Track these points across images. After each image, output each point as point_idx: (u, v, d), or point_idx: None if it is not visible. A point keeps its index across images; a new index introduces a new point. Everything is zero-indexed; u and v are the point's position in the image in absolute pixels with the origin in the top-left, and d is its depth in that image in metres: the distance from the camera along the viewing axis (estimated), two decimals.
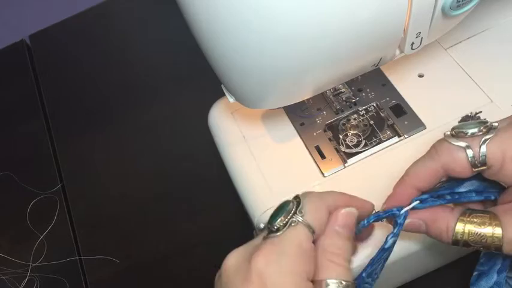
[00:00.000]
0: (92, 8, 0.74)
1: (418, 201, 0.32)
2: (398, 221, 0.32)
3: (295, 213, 0.30)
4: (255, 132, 0.47)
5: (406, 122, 0.44)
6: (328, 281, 0.29)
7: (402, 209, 0.32)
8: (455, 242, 0.31)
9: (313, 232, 0.30)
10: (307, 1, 0.30)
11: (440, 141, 0.32)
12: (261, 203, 0.42)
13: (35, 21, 0.73)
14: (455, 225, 0.30)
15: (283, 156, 0.45)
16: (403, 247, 0.37)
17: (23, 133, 0.64)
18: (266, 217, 0.41)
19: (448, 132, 0.31)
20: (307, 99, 0.47)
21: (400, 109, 0.45)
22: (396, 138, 0.43)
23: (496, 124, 0.31)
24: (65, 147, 0.61)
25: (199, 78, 0.59)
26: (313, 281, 0.29)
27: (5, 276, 0.52)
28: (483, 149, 0.29)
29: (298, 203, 0.30)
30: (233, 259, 0.30)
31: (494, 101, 0.43)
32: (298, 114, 0.47)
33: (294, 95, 0.39)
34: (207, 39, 0.35)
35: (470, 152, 0.30)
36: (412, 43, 0.36)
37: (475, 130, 0.30)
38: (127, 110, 0.63)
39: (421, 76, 0.47)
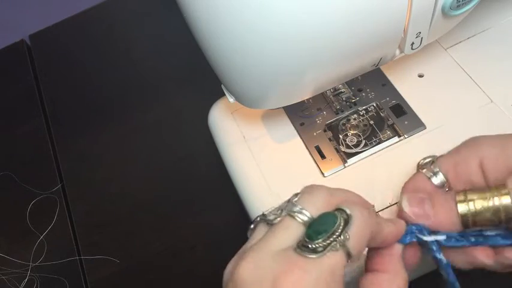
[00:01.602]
0: (92, 8, 0.74)
1: (444, 236, 0.31)
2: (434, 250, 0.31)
3: (339, 235, 0.26)
4: (255, 132, 0.47)
5: (406, 122, 0.44)
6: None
7: (423, 230, 0.31)
8: (465, 223, 0.29)
9: (349, 258, 0.26)
10: (307, 1, 0.30)
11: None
12: (261, 203, 0.43)
13: (35, 21, 0.73)
14: (457, 205, 0.30)
15: (283, 156, 0.45)
16: None
17: (23, 133, 0.64)
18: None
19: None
20: (307, 99, 0.47)
21: (400, 109, 0.45)
22: (396, 138, 0.43)
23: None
24: (65, 147, 0.61)
25: (199, 78, 0.59)
26: None
27: (5, 276, 0.52)
28: (435, 165, 0.33)
29: (346, 222, 0.26)
30: (249, 273, 0.26)
31: (494, 101, 0.43)
32: (298, 114, 0.47)
33: (294, 95, 0.39)
34: (207, 39, 0.35)
35: (427, 172, 0.33)
36: (412, 43, 0.36)
37: (430, 159, 0.34)
38: (127, 110, 0.62)
39: (421, 76, 0.47)
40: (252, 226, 0.30)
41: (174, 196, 0.54)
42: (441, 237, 0.30)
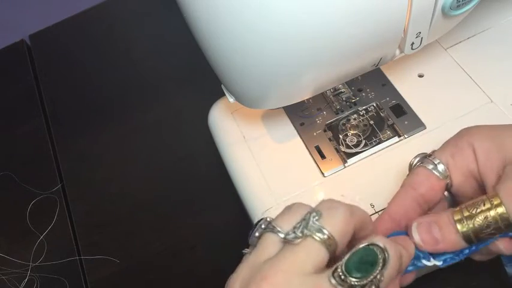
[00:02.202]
0: (92, 8, 0.74)
1: (441, 262, 0.31)
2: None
3: (376, 276, 0.26)
4: (255, 132, 0.47)
5: (406, 122, 0.44)
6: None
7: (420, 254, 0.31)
8: (466, 237, 0.29)
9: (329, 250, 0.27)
10: (307, 1, 0.30)
11: None
12: (261, 203, 0.43)
13: (35, 21, 0.73)
14: (456, 225, 0.29)
15: (283, 156, 0.45)
16: None
17: (23, 133, 0.64)
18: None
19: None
20: (307, 99, 0.47)
21: (400, 109, 0.45)
22: (396, 138, 0.43)
23: None
24: (65, 147, 0.61)
25: (199, 78, 0.59)
26: None
27: (5, 276, 0.52)
28: (434, 157, 0.33)
29: (384, 262, 0.27)
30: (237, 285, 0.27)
31: (494, 101, 0.43)
32: (298, 114, 0.47)
33: (294, 95, 0.39)
34: (207, 39, 0.35)
35: (428, 164, 0.33)
36: (412, 43, 0.36)
37: (422, 155, 0.34)
38: (127, 110, 0.62)
39: (421, 76, 0.47)
40: (256, 234, 0.29)
41: (174, 196, 0.54)
42: (439, 263, 0.31)
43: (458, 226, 0.29)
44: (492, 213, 0.28)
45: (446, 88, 0.45)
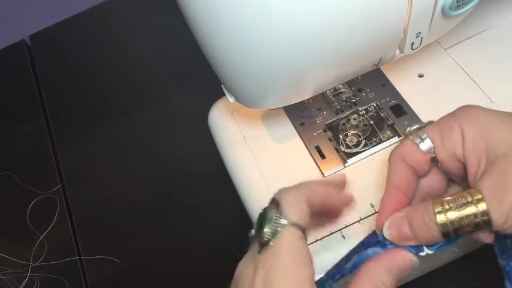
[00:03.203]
0: (92, 8, 0.74)
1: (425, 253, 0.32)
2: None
3: (278, 218, 0.30)
4: (255, 132, 0.47)
5: (406, 122, 0.44)
6: None
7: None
8: (446, 233, 0.29)
9: (301, 228, 0.30)
10: (307, 1, 0.30)
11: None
12: (261, 203, 0.42)
13: (35, 21, 0.73)
14: (436, 216, 0.29)
15: (283, 156, 0.45)
16: None
17: (23, 133, 0.64)
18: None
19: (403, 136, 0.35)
20: (307, 99, 0.47)
21: (400, 109, 0.45)
22: (396, 138, 0.43)
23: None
24: (65, 147, 0.61)
25: (199, 78, 0.59)
26: None
27: (5, 276, 0.52)
28: (423, 131, 0.33)
29: (277, 206, 0.31)
30: (237, 273, 0.31)
31: (494, 101, 0.43)
32: (298, 114, 0.47)
33: (294, 95, 0.39)
34: (207, 39, 0.35)
35: (414, 138, 0.33)
36: (412, 43, 0.36)
37: (418, 125, 0.34)
38: (127, 110, 0.62)
39: (421, 76, 0.47)
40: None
41: (174, 196, 0.54)
42: (422, 253, 0.31)
43: (439, 221, 0.29)
44: (473, 210, 0.28)
45: (446, 88, 0.45)
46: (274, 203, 0.31)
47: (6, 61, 0.72)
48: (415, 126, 0.34)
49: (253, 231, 0.32)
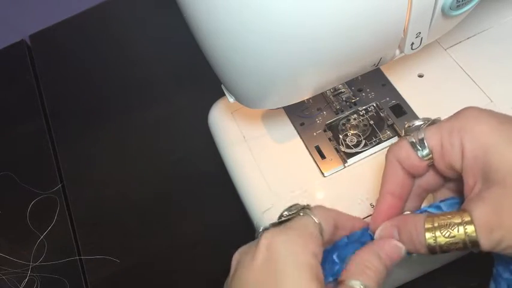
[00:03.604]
0: (92, 8, 0.74)
1: None
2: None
3: (303, 208, 0.31)
4: (255, 132, 0.47)
5: (406, 122, 0.44)
6: (353, 282, 0.28)
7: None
8: (432, 250, 0.29)
9: (320, 228, 0.30)
10: (307, 2, 0.30)
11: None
12: (261, 203, 0.43)
13: (35, 21, 0.73)
14: (425, 233, 0.29)
15: (283, 156, 0.45)
16: None
17: (23, 133, 0.64)
18: (266, 217, 0.41)
19: (402, 134, 0.34)
20: (307, 99, 0.47)
21: (400, 109, 0.45)
22: (396, 138, 0.43)
23: (441, 118, 0.33)
24: (65, 147, 0.61)
25: (199, 78, 0.59)
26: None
27: (5, 276, 0.52)
28: (421, 133, 0.31)
29: (306, 206, 0.31)
30: (238, 252, 0.31)
31: (494, 101, 0.43)
32: (298, 114, 0.47)
33: (293, 95, 0.39)
34: (207, 39, 0.35)
35: (411, 138, 0.32)
36: (412, 43, 0.36)
37: (421, 123, 0.33)
38: (127, 110, 0.63)
39: (421, 76, 0.47)
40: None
41: (174, 196, 0.54)
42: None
43: (427, 238, 0.29)
44: (462, 236, 0.27)
45: (446, 88, 0.45)
46: (304, 205, 0.32)
47: (6, 61, 0.72)
48: (415, 124, 0.33)
49: (268, 224, 0.31)
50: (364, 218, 0.40)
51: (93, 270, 0.51)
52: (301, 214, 0.31)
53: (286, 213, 0.31)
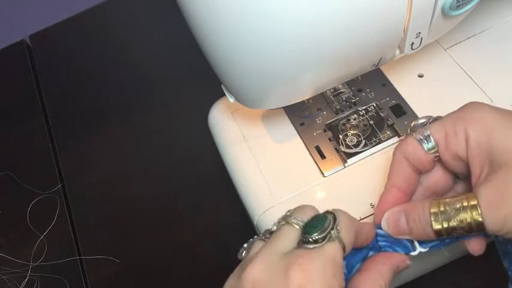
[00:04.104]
0: (92, 8, 0.74)
1: (417, 252, 0.32)
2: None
3: (332, 228, 0.28)
4: (255, 132, 0.47)
5: (406, 122, 0.44)
6: None
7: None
8: (438, 233, 0.29)
9: (344, 250, 0.29)
10: (307, 2, 0.30)
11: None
12: (261, 203, 0.43)
13: (35, 21, 0.73)
14: (431, 216, 0.29)
15: (283, 156, 0.45)
16: None
17: (23, 133, 0.64)
18: (266, 217, 0.41)
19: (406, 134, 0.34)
20: (307, 99, 0.47)
21: (400, 109, 0.45)
22: (396, 138, 0.43)
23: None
24: (65, 147, 0.61)
25: (199, 78, 0.59)
26: None
27: (5, 276, 0.52)
28: (427, 129, 0.32)
29: (335, 219, 0.29)
30: (261, 272, 0.27)
31: (494, 101, 0.43)
32: (298, 114, 0.47)
33: (293, 95, 0.39)
34: (207, 39, 0.35)
35: (417, 135, 0.32)
36: (412, 43, 0.36)
37: (424, 120, 0.34)
38: (127, 110, 0.62)
39: (421, 76, 0.47)
40: (245, 245, 0.31)
41: (174, 196, 0.54)
42: (414, 253, 0.32)
43: (433, 220, 0.29)
44: (468, 214, 0.28)
45: (446, 88, 0.45)
46: (332, 216, 0.30)
47: (6, 61, 0.72)
48: (421, 121, 0.34)
49: (274, 227, 0.30)
50: (364, 218, 0.40)
51: (93, 270, 0.51)
52: (331, 240, 0.28)
53: (316, 235, 0.28)
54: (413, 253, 0.32)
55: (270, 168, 0.44)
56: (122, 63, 0.67)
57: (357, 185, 0.41)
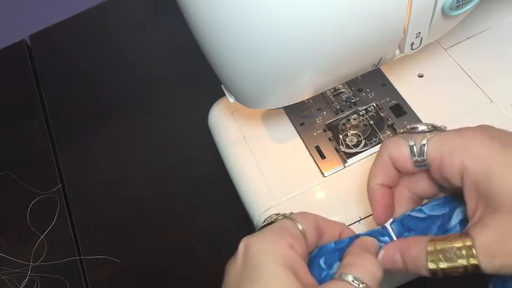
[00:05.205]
0: (92, 8, 0.74)
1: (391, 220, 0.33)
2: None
3: (283, 214, 0.32)
4: (255, 132, 0.47)
5: (406, 122, 0.44)
6: (345, 275, 0.29)
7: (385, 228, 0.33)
8: (434, 273, 0.29)
9: (300, 228, 0.31)
10: (307, 2, 0.30)
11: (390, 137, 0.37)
12: (261, 203, 0.43)
13: (35, 21, 0.73)
14: (427, 257, 0.28)
15: (283, 156, 0.45)
16: None
17: (23, 133, 0.64)
18: (266, 217, 0.41)
19: (401, 130, 0.33)
20: (307, 99, 0.47)
21: (400, 109, 0.45)
22: None
23: (446, 127, 0.33)
24: (65, 147, 0.61)
25: (199, 79, 0.59)
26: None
27: (5, 276, 0.52)
28: (424, 141, 0.31)
29: (287, 214, 0.32)
30: (227, 264, 0.32)
31: (494, 101, 0.43)
32: (298, 114, 0.47)
33: (293, 95, 0.39)
34: (207, 39, 0.35)
35: (411, 142, 0.31)
36: (412, 43, 0.36)
37: (424, 127, 0.32)
38: (127, 110, 0.63)
39: (421, 76, 0.47)
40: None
41: (174, 196, 0.54)
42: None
43: (429, 261, 0.28)
44: (464, 258, 0.27)
45: (446, 88, 0.45)
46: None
47: (6, 61, 0.72)
48: (421, 128, 0.32)
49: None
50: (364, 218, 0.40)
51: (93, 270, 0.51)
52: (280, 218, 0.32)
53: (267, 221, 0.33)
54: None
55: (270, 168, 0.44)
56: (122, 63, 0.67)
57: (357, 185, 0.41)
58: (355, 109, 0.46)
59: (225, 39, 0.33)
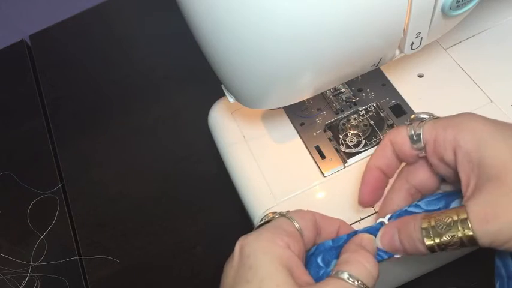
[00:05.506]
0: (92, 8, 0.74)
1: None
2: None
3: (280, 213, 0.33)
4: (255, 132, 0.47)
5: (406, 122, 0.44)
6: (340, 273, 0.29)
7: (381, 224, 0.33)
8: (431, 249, 0.29)
9: (299, 228, 0.32)
10: (307, 2, 0.30)
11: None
12: (261, 203, 0.43)
13: (35, 21, 0.73)
14: (422, 232, 0.29)
15: (283, 156, 0.45)
16: None
17: (23, 133, 0.64)
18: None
19: (406, 123, 0.35)
20: (307, 99, 0.47)
21: (400, 109, 0.45)
22: None
23: None
24: (65, 147, 0.61)
25: (199, 78, 0.59)
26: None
27: (5, 276, 0.52)
28: (420, 127, 0.32)
29: (284, 212, 0.33)
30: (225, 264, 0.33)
31: (494, 101, 0.43)
32: (298, 114, 0.47)
33: (293, 95, 0.39)
34: (207, 39, 0.35)
35: (410, 130, 0.33)
36: (412, 43, 0.36)
37: (425, 116, 0.34)
38: (127, 110, 0.63)
39: (421, 76, 0.47)
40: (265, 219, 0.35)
41: (174, 196, 0.54)
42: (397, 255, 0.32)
43: (425, 236, 0.29)
44: (459, 229, 0.28)
45: (446, 88, 0.45)
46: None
47: (6, 61, 0.72)
48: (421, 116, 0.34)
49: None
50: (365, 218, 0.40)
51: (93, 270, 0.51)
52: (276, 217, 0.33)
53: (264, 220, 0.33)
54: (396, 255, 0.32)
55: (270, 168, 0.44)
56: (122, 63, 0.67)
57: (357, 185, 0.41)
58: (355, 109, 0.46)
59: (225, 40, 0.33)
